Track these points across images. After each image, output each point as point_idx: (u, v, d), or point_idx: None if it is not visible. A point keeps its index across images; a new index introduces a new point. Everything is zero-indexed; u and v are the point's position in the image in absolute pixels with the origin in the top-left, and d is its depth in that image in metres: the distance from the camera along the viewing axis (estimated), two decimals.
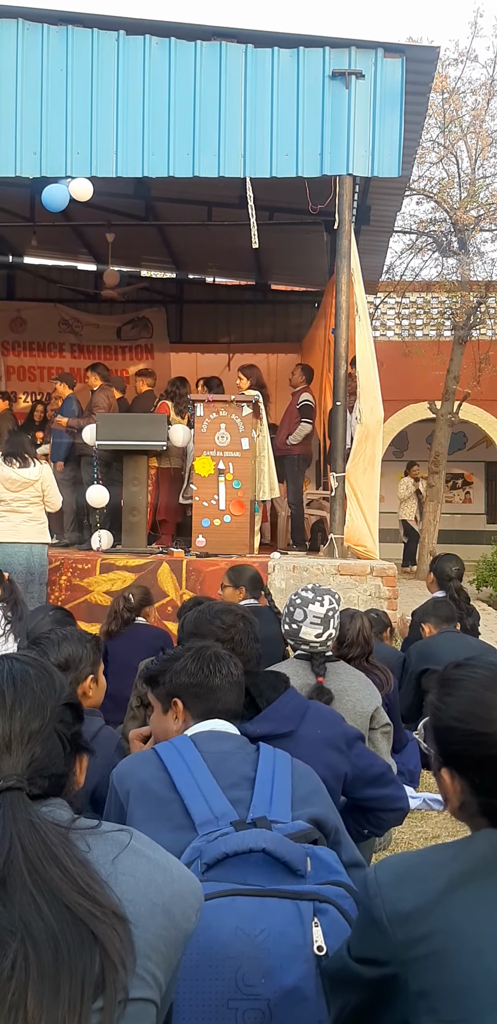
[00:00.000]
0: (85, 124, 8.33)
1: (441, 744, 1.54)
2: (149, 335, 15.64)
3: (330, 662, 3.65)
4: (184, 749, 2.03)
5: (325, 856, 1.85)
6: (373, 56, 8.07)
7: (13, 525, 7.58)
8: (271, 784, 1.97)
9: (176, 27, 8.26)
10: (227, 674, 2.22)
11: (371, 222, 10.54)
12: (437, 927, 1.36)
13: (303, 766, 2.14)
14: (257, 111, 8.19)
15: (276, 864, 1.77)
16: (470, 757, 1.48)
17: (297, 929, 1.71)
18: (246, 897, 1.73)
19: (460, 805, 1.51)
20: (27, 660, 1.42)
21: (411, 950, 1.37)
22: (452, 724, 1.51)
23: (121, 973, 1.17)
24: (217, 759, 2.01)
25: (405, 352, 16.00)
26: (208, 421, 8.51)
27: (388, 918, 1.40)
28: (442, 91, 13.37)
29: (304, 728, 2.61)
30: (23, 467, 7.58)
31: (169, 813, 1.90)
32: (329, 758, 2.66)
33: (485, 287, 14.67)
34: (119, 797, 2.05)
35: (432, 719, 1.56)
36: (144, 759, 2.09)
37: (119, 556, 8.49)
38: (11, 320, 15.55)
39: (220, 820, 1.86)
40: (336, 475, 8.41)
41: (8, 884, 1.17)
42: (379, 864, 1.49)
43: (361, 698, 3.67)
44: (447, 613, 5.82)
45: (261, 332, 15.51)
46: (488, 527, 20.66)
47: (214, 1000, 1.65)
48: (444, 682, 1.57)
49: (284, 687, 2.62)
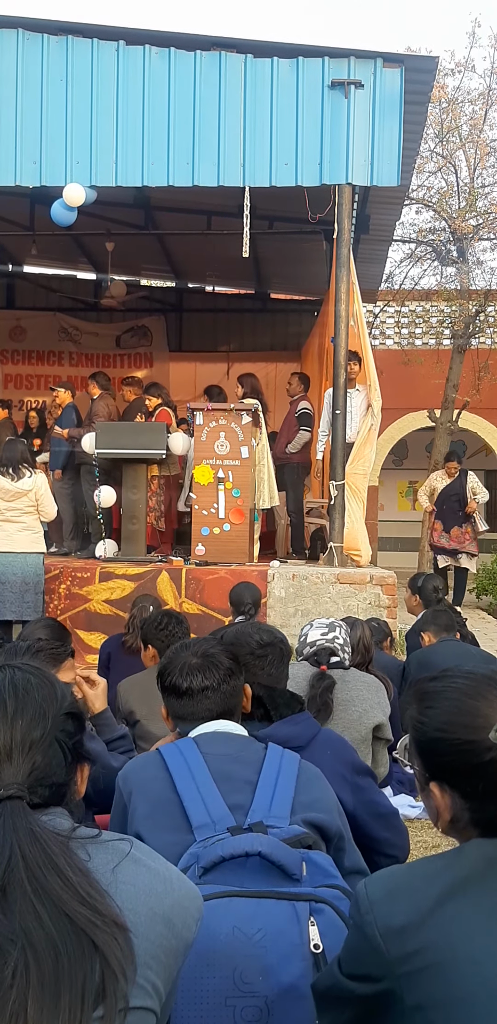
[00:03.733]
0: (85, 133, 8.36)
1: (427, 758, 1.52)
2: (148, 344, 15.67)
3: (340, 668, 3.67)
4: (187, 751, 2.04)
5: (320, 861, 1.86)
6: (372, 66, 8.11)
7: (7, 535, 7.58)
8: (273, 787, 1.99)
9: (176, 37, 8.30)
10: (199, 685, 2.20)
11: (370, 231, 10.57)
12: (430, 940, 1.35)
13: (312, 769, 2.15)
14: (256, 121, 8.22)
15: (272, 868, 1.78)
16: (459, 767, 1.47)
17: (294, 928, 1.72)
18: (243, 898, 1.74)
19: (451, 819, 1.50)
20: (29, 669, 1.43)
21: (405, 965, 1.35)
22: (437, 736, 1.49)
23: (121, 982, 1.17)
24: (220, 761, 2.02)
25: (404, 361, 16.02)
26: (207, 429, 8.51)
27: (381, 934, 1.38)
28: (440, 101, 13.41)
29: (313, 749, 2.60)
30: (17, 478, 7.57)
31: (168, 814, 1.93)
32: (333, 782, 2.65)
33: (484, 296, 14.69)
34: (123, 797, 2.07)
35: (415, 734, 1.54)
36: (148, 760, 2.12)
37: (118, 564, 8.49)
38: (11, 329, 15.58)
39: (217, 824, 1.87)
40: (335, 483, 8.41)
41: (9, 893, 1.17)
42: (369, 880, 1.48)
43: (368, 709, 3.68)
44: (446, 622, 5.81)
45: (260, 341, 15.54)
46: (488, 535, 20.64)
47: (212, 998, 1.67)
48: (423, 695, 1.55)
49: (299, 708, 2.64)
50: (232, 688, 2.24)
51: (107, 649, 5.77)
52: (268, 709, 2.54)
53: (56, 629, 4.05)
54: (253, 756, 2.08)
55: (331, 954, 1.68)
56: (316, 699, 3.48)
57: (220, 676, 2.21)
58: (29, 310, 15.77)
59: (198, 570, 8.23)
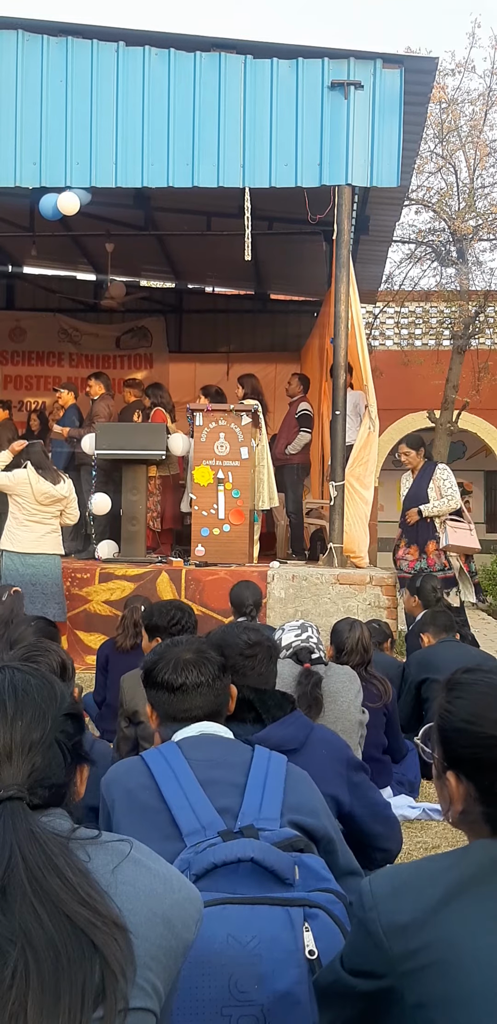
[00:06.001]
0: (85, 134, 8.36)
1: (448, 747, 1.53)
2: (148, 344, 15.65)
3: (321, 664, 3.72)
4: (171, 756, 2.02)
5: (313, 864, 1.85)
6: (372, 67, 8.11)
7: (37, 536, 7.56)
8: (261, 790, 1.97)
9: (175, 38, 8.30)
10: (193, 680, 2.18)
11: (370, 232, 10.57)
12: (434, 938, 1.35)
13: (299, 772, 2.13)
14: (256, 122, 8.22)
15: (265, 873, 1.78)
16: (480, 760, 1.48)
17: (288, 934, 1.72)
18: (237, 905, 1.73)
19: (462, 811, 1.51)
20: (29, 670, 1.43)
21: (408, 962, 1.36)
22: (462, 727, 1.51)
23: (121, 983, 1.17)
24: (205, 766, 1.99)
25: (404, 361, 16.03)
26: (207, 430, 8.51)
27: (384, 931, 1.39)
28: (440, 101, 13.41)
29: (309, 749, 2.60)
30: (56, 482, 7.60)
31: (156, 823, 1.90)
32: (330, 780, 2.65)
33: (484, 296, 14.70)
34: (106, 805, 2.04)
35: (440, 721, 1.56)
36: (131, 767, 2.08)
37: (118, 565, 8.49)
38: (10, 330, 15.57)
39: (207, 830, 1.86)
40: (335, 484, 8.41)
41: (8, 893, 1.17)
42: (374, 876, 1.48)
43: (352, 698, 3.76)
44: (446, 623, 5.83)
45: (260, 341, 15.53)
46: (488, 536, 20.66)
47: (208, 1007, 1.66)
48: (453, 686, 1.57)
49: (290, 707, 2.63)
50: (223, 686, 2.22)
51: (105, 652, 5.80)
52: (259, 712, 2.52)
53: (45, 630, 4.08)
54: (239, 759, 2.06)
55: (326, 959, 1.67)
56: (306, 695, 3.52)
57: (213, 673, 2.20)
58: (29, 311, 15.76)
59: (198, 571, 8.23)
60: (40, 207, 8.67)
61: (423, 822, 4.76)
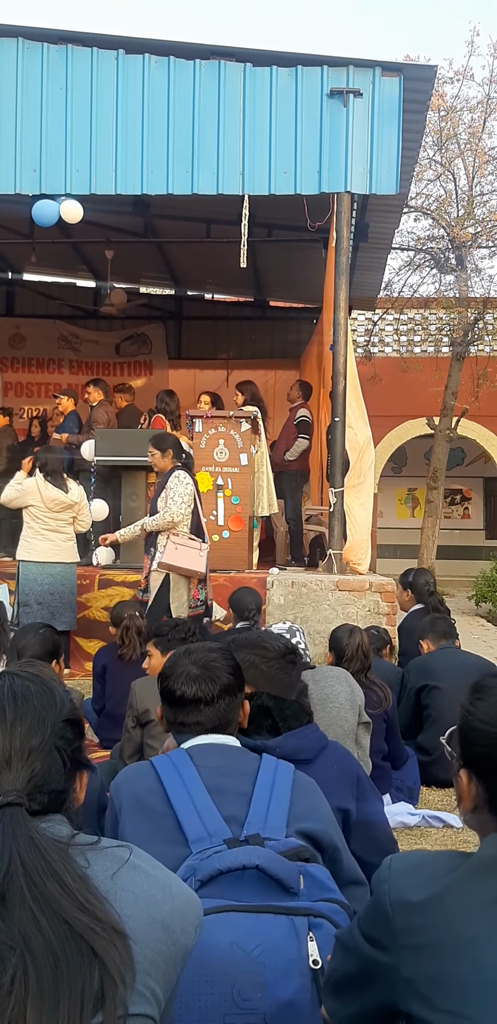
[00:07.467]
0: (84, 142, 8.38)
1: (465, 745, 1.57)
2: (148, 351, 15.68)
3: (308, 668, 3.71)
4: (180, 763, 2.02)
5: (318, 874, 1.85)
6: (371, 74, 8.13)
7: (55, 545, 7.39)
8: (268, 799, 1.96)
9: (175, 46, 8.32)
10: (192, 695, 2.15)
11: (369, 239, 10.58)
12: (433, 920, 1.41)
13: (306, 780, 2.12)
14: (256, 129, 8.24)
15: (269, 882, 1.78)
16: (492, 761, 1.51)
17: (292, 944, 1.72)
18: (241, 913, 1.73)
19: (473, 808, 1.55)
20: (28, 676, 1.43)
21: (407, 937, 1.42)
22: (478, 726, 1.53)
23: (120, 988, 1.17)
24: (214, 773, 1.99)
25: (403, 368, 16.04)
26: (207, 437, 8.52)
27: (391, 904, 1.45)
28: (439, 109, 13.44)
29: (321, 762, 2.59)
30: (66, 489, 7.46)
31: (163, 828, 1.90)
32: (339, 794, 2.64)
33: (483, 303, 14.72)
34: (114, 809, 2.05)
35: (460, 720, 1.60)
36: (140, 771, 2.08)
37: (117, 572, 8.48)
38: (10, 336, 15.59)
39: (213, 837, 1.86)
40: (334, 491, 8.42)
41: (8, 899, 1.17)
42: (397, 855, 1.55)
43: (344, 702, 3.76)
44: (445, 629, 5.82)
45: (260, 348, 15.55)
46: (487, 543, 20.68)
47: (210, 1015, 1.65)
48: (478, 687, 1.61)
49: (307, 719, 2.62)
50: (228, 704, 2.16)
51: (102, 660, 5.70)
52: (276, 720, 2.50)
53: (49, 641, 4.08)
54: (247, 767, 2.05)
55: None
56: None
57: (216, 691, 2.14)
58: (29, 318, 15.78)
59: None
60: (32, 213, 8.64)
61: (422, 829, 4.75)
